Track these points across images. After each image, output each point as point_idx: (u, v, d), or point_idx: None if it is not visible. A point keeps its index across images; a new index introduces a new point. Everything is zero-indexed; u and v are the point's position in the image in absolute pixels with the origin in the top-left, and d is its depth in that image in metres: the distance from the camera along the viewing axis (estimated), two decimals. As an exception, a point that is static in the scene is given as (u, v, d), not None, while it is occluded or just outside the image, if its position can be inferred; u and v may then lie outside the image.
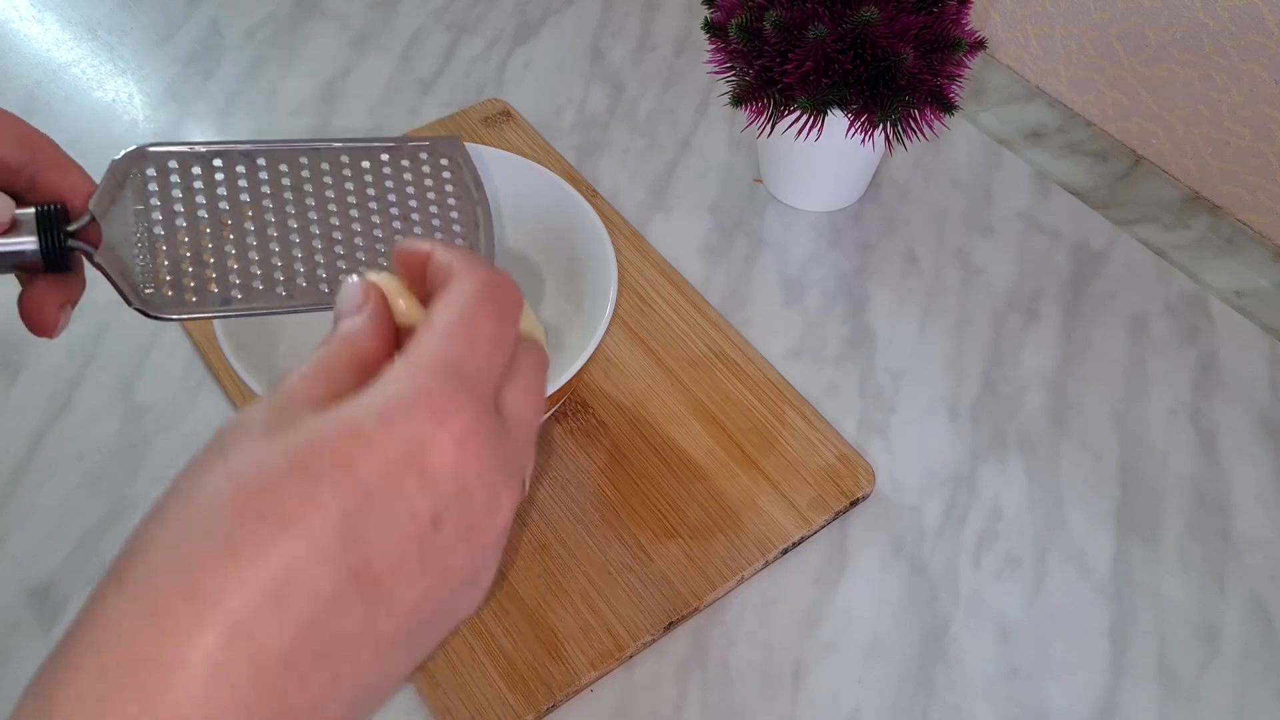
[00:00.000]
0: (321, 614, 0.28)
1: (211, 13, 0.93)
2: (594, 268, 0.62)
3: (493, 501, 0.31)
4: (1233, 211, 0.80)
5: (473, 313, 0.32)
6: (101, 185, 0.42)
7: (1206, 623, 0.59)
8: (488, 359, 0.32)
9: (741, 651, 0.58)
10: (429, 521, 0.29)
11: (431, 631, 0.31)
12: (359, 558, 0.28)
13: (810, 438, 0.65)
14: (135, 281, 0.41)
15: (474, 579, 0.32)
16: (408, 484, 0.29)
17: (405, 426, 0.29)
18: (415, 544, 0.29)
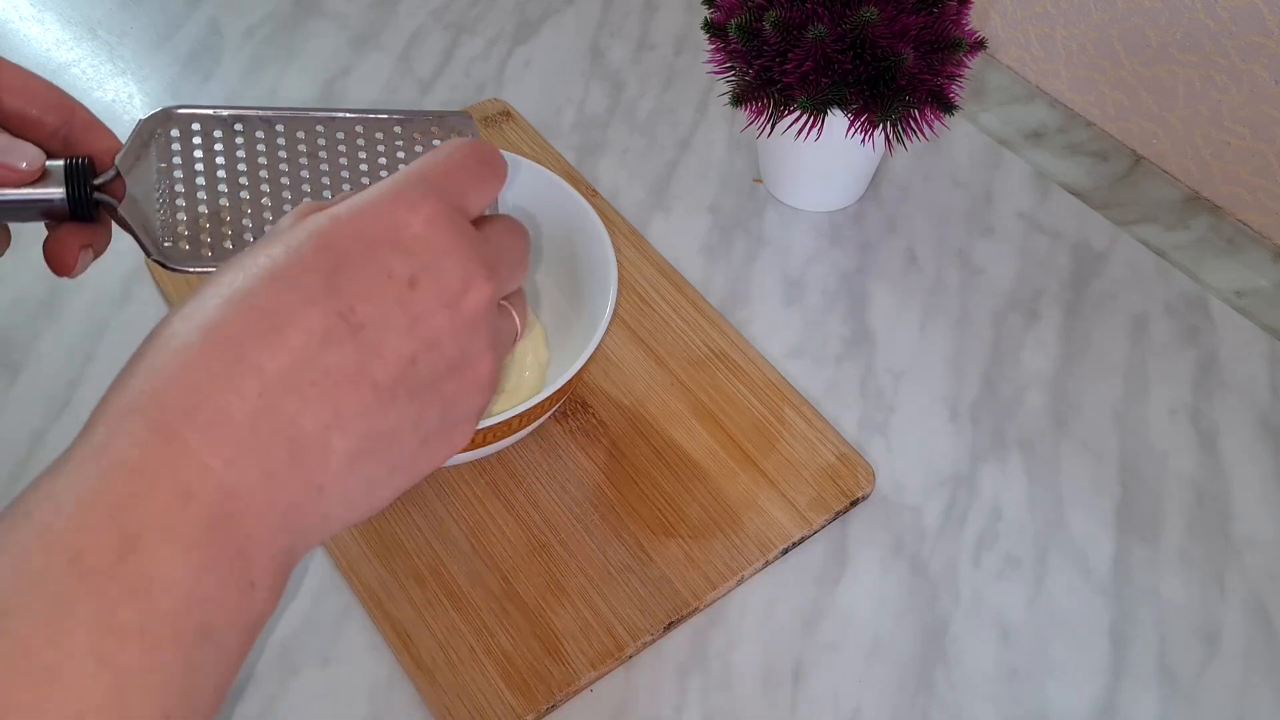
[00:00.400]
0: (313, 346, 0.31)
1: (211, 12, 0.93)
2: (594, 268, 0.62)
3: (466, 278, 0.34)
4: (1233, 212, 0.80)
5: (449, 146, 0.37)
6: (128, 143, 0.44)
7: (1206, 623, 0.59)
8: (459, 177, 0.36)
9: (741, 651, 0.58)
10: (405, 281, 0.33)
11: (433, 405, 0.34)
12: (343, 303, 0.32)
13: (810, 437, 0.65)
14: (155, 235, 0.44)
15: (464, 362, 0.35)
16: (381, 250, 0.33)
17: (378, 210, 0.34)
18: (395, 300, 0.33)
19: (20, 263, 0.74)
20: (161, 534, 0.29)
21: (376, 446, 0.33)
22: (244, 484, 0.30)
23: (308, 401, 0.31)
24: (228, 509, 0.30)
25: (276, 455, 0.31)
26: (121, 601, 0.28)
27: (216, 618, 0.29)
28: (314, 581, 0.60)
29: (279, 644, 0.58)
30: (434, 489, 0.62)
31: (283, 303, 0.32)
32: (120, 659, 0.27)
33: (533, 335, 0.66)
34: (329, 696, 0.56)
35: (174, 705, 0.28)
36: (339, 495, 0.33)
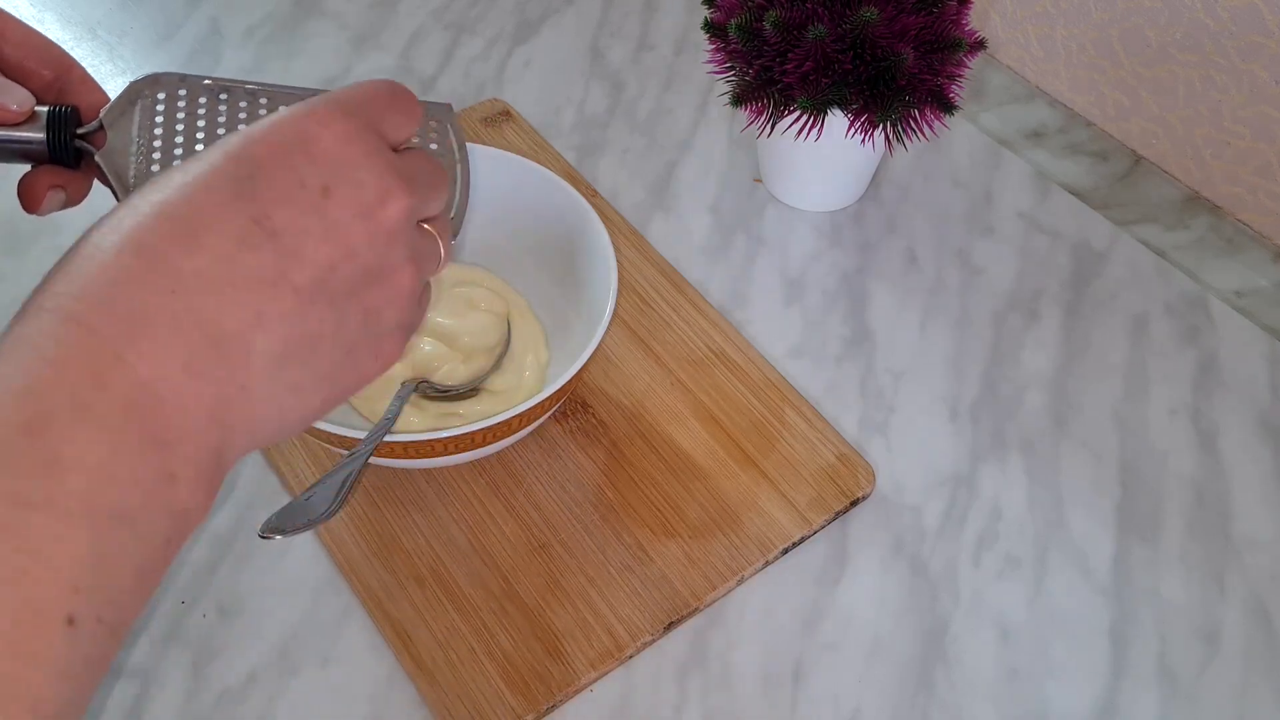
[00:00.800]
0: (229, 248, 0.32)
1: (211, 12, 0.93)
2: (594, 268, 0.62)
3: (381, 191, 0.35)
4: (1233, 212, 0.80)
5: (365, 81, 0.38)
6: (116, 100, 0.46)
7: (1206, 623, 0.59)
8: (373, 104, 0.37)
9: (741, 651, 0.58)
10: (319, 190, 0.34)
11: (354, 313, 0.35)
12: (258, 209, 0.33)
13: (810, 437, 0.65)
14: (128, 184, 0.45)
15: (384, 272, 0.36)
16: (294, 160, 0.34)
17: (291, 123, 0.35)
18: (311, 208, 0.34)
19: (20, 263, 0.75)
20: (72, 415, 0.29)
21: (300, 350, 0.34)
22: (161, 377, 0.31)
23: (227, 302, 0.32)
24: (143, 399, 0.30)
25: (196, 351, 0.31)
26: (27, 474, 0.28)
27: (131, 502, 0.30)
28: (314, 581, 0.60)
29: (279, 644, 0.58)
30: (434, 489, 0.62)
31: (198, 208, 0.33)
32: (26, 527, 0.28)
33: (533, 335, 0.66)
34: (329, 696, 0.56)
35: (83, 579, 0.28)
36: (265, 397, 0.33)
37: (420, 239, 0.38)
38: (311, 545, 0.61)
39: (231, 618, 0.58)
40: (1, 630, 0.27)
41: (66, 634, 0.28)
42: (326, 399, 0.36)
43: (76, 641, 0.28)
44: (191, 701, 0.56)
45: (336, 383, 0.36)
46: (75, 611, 0.28)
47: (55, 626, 0.28)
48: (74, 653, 0.28)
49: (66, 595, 0.28)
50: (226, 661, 0.57)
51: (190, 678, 0.56)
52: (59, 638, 0.28)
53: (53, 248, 0.75)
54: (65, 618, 0.28)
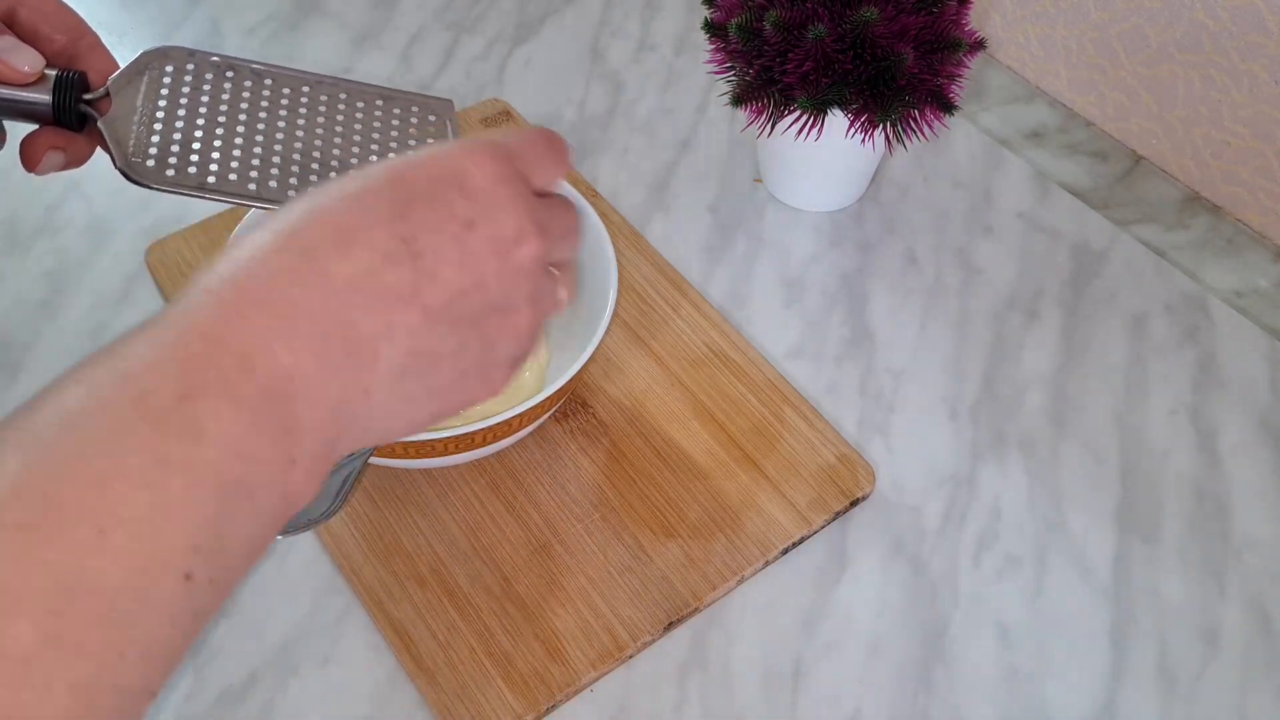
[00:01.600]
0: (376, 261, 0.35)
1: (212, 12, 0.93)
2: (594, 268, 0.62)
3: (518, 232, 0.38)
4: (1233, 211, 0.80)
5: (526, 128, 0.41)
6: (124, 69, 0.47)
7: (1206, 623, 0.59)
8: (527, 150, 0.40)
9: (741, 651, 0.58)
10: (463, 223, 0.36)
11: (474, 340, 0.38)
12: (407, 229, 0.35)
13: (810, 438, 0.65)
14: (126, 149, 0.47)
15: (507, 307, 0.38)
16: (448, 191, 0.37)
17: (451, 158, 0.37)
18: (453, 237, 0.36)
19: (20, 263, 0.75)
20: (220, 391, 0.32)
21: (420, 365, 0.36)
22: (301, 370, 0.33)
23: (366, 309, 0.35)
24: (283, 387, 0.33)
25: (333, 351, 0.34)
26: (174, 438, 0.31)
27: (256, 478, 0.32)
28: (314, 582, 0.60)
29: (279, 644, 0.58)
30: (434, 489, 0.62)
31: (355, 221, 0.35)
32: (163, 485, 0.30)
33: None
34: (329, 696, 0.56)
35: (204, 540, 0.31)
36: (382, 402, 0.36)
37: (546, 281, 0.41)
38: (311, 545, 0.61)
39: (231, 618, 0.58)
40: (130, 574, 0.30)
41: (183, 587, 0.31)
42: (433, 414, 0.38)
43: (189, 595, 0.31)
44: (191, 701, 0.56)
45: (445, 401, 0.39)
46: (193, 569, 0.31)
47: (175, 579, 0.30)
48: (186, 605, 0.31)
49: (188, 553, 0.31)
50: (226, 661, 0.57)
51: (190, 678, 0.56)
52: (177, 589, 0.31)
53: (53, 248, 0.75)
54: (184, 573, 0.31)
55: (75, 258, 0.75)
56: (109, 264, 0.75)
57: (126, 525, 0.30)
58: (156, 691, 0.31)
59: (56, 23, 0.48)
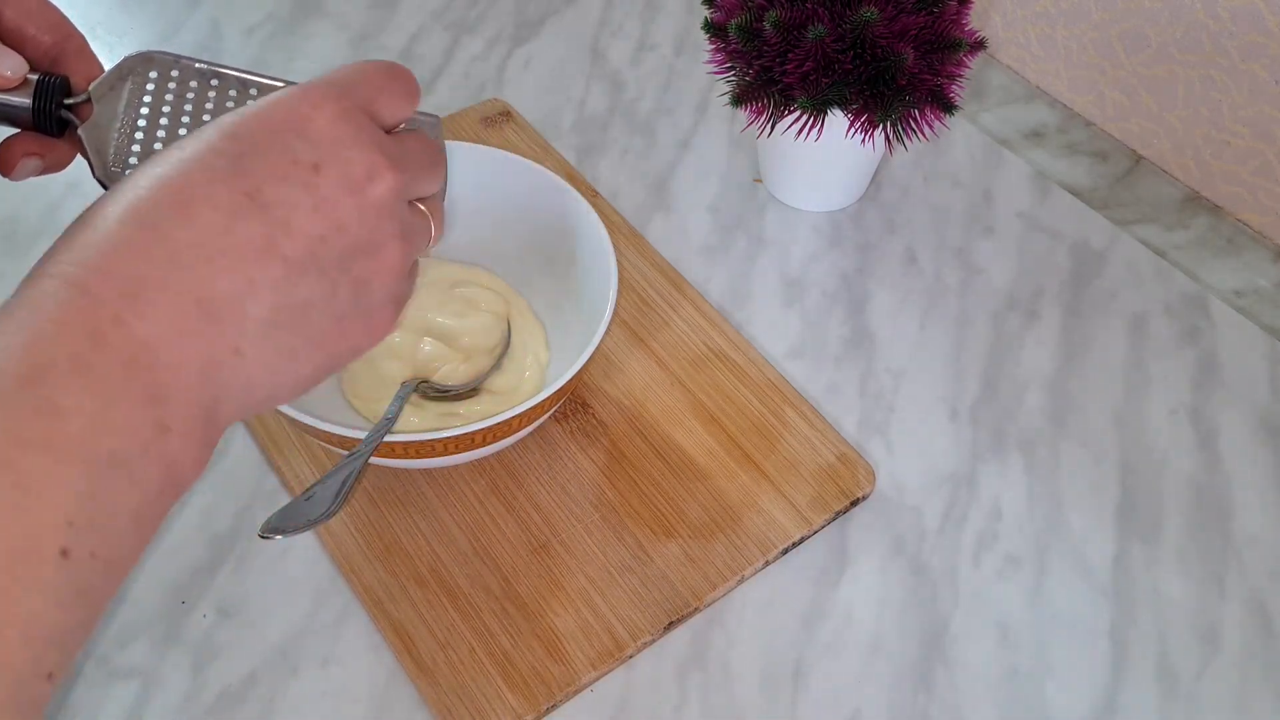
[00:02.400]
0: (221, 219, 0.34)
1: (212, 13, 0.93)
2: (594, 268, 0.62)
3: (370, 168, 0.37)
4: (1233, 211, 0.80)
5: (363, 62, 0.40)
6: (106, 74, 0.46)
7: (1206, 623, 0.59)
8: (367, 85, 0.39)
9: (741, 651, 0.58)
10: (310, 167, 0.36)
11: (344, 284, 0.37)
12: (250, 183, 0.35)
13: (810, 437, 0.65)
14: (106, 159, 0.46)
15: (373, 246, 0.38)
16: (286, 137, 0.36)
17: (284, 104, 0.37)
18: (301, 183, 0.36)
19: (20, 263, 0.74)
20: (70, 368, 0.31)
21: (292, 317, 0.36)
22: (156, 336, 0.33)
23: (219, 269, 0.34)
24: (139, 355, 0.33)
25: (189, 314, 0.34)
26: (29, 417, 0.30)
27: (127, 448, 0.32)
28: (314, 582, 0.60)
29: (279, 644, 0.58)
30: (434, 489, 0.62)
31: (193, 182, 0.35)
32: (22, 463, 0.30)
33: (533, 335, 0.66)
34: (329, 696, 0.56)
35: (79, 516, 0.31)
36: (257, 359, 0.35)
37: (411, 216, 0.40)
38: (311, 545, 0.61)
39: (231, 618, 0.58)
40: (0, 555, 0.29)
41: (60, 564, 0.30)
42: (319, 366, 0.38)
43: (70, 572, 0.30)
44: (191, 702, 0.56)
45: (328, 350, 0.38)
46: (69, 544, 0.30)
47: (49, 556, 0.30)
48: (67, 582, 0.30)
49: (61, 528, 0.30)
50: (226, 661, 0.57)
51: (190, 678, 0.56)
52: (52, 567, 0.30)
53: (53, 248, 0.75)
54: (59, 549, 0.30)
55: (75, 258, 0.75)
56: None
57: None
58: (55, 674, 0.31)
59: (42, 22, 0.47)
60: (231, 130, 0.36)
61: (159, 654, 0.57)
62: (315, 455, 0.64)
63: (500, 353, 0.64)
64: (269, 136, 0.36)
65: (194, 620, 0.58)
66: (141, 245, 0.33)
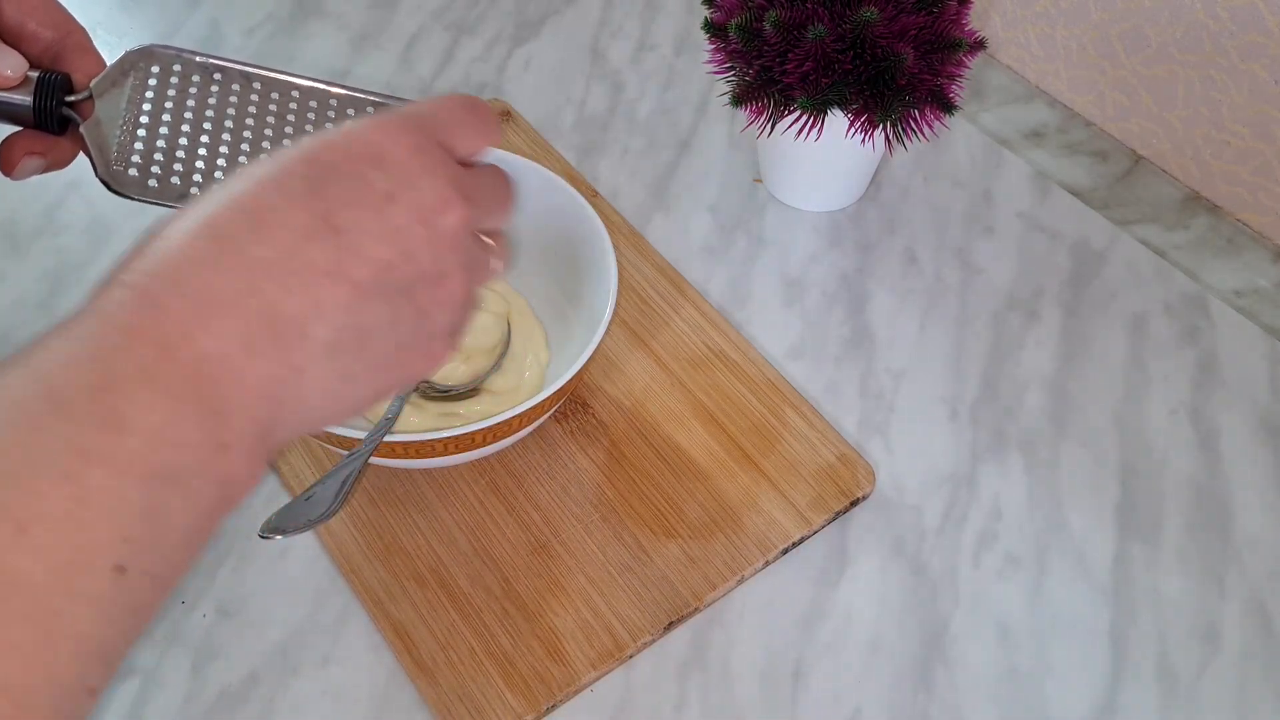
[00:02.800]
0: (295, 240, 0.34)
1: (212, 13, 0.93)
2: (594, 268, 0.62)
3: (442, 200, 0.37)
4: (1233, 211, 0.80)
5: (443, 96, 0.41)
6: (107, 70, 0.46)
7: (1206, 623, 0.59)
8: (445, 119, 0.39)
9: (741, 651, 0.58)
10: (383, 196, 0.36)
11: (407, 311, 0.37)
12: (325, 206, 0.35)
13: (810, 437, 0.65)
14: (109, 158, 0.45)
15: (438, 276, 0.38)
16: (362, 166, 0.36)
17: (363, 133, 0.37)
18: (374, 210, 0.36)
19: (20, 263, 0.75)
20: (138, 378, 0.31)
21: (354, 341, 0.36)
22: (223, 351, 0.33)
23: (289, 289, 0.34)
24: (205, 369, 0.32)
25: (256, 331, 0.33)
26: (92, 430, 0.30)
27: (185, 465, 0.32)
28: (314, 582, 0.60)
29: (279, 644, 0.58)
30: (434, 490, 0.62)
31: (269, 202, 0.35)
32: (85, 478, 0.30)
33: (533, 335, 0.66)
34: (329, 696, 0.56)
35: (135, 532, 0.30)
36: (318, 381, 0.35)
37: (476, 248, 0.40)
38: (311, 545, 0.61)
39: (231, 618, 0.58)
40: (55, 569, 0.29)
41: (115, 580, 0.30)
42: (376, 390, 0.38)
43: (123, 589, 0.30)
44: (191, 701, 0.56)
45: (386, 375, 0.38)
46: (125, 561, 0.30)
47: (104, 572, 0.30)
48: (119, 599, 0.30)
49: (117, 544, 0.30)
50: (226, 661, 0.57)
51: (190, 678, 0.56)
52: (107, 583, 0.30)
53: (53, 248, 0.75)
54: (115, 565, 0.30)
55: (75, 258, 0.75)
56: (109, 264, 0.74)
57: (46, 520, 0.29)
58: (98, 689, 0.31)
59: (44, 18, 0.47)
60: (312, 156, 0.36)
61: (159, 654, 0.57)
62: (315, 455, 0.64)
63: (500, 353, 0.64)
64: (348, 163, 0.36)
65: (194, 620, 0.58)
66: (213, 259, 0.33)
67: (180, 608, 0.59)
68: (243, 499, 0.34)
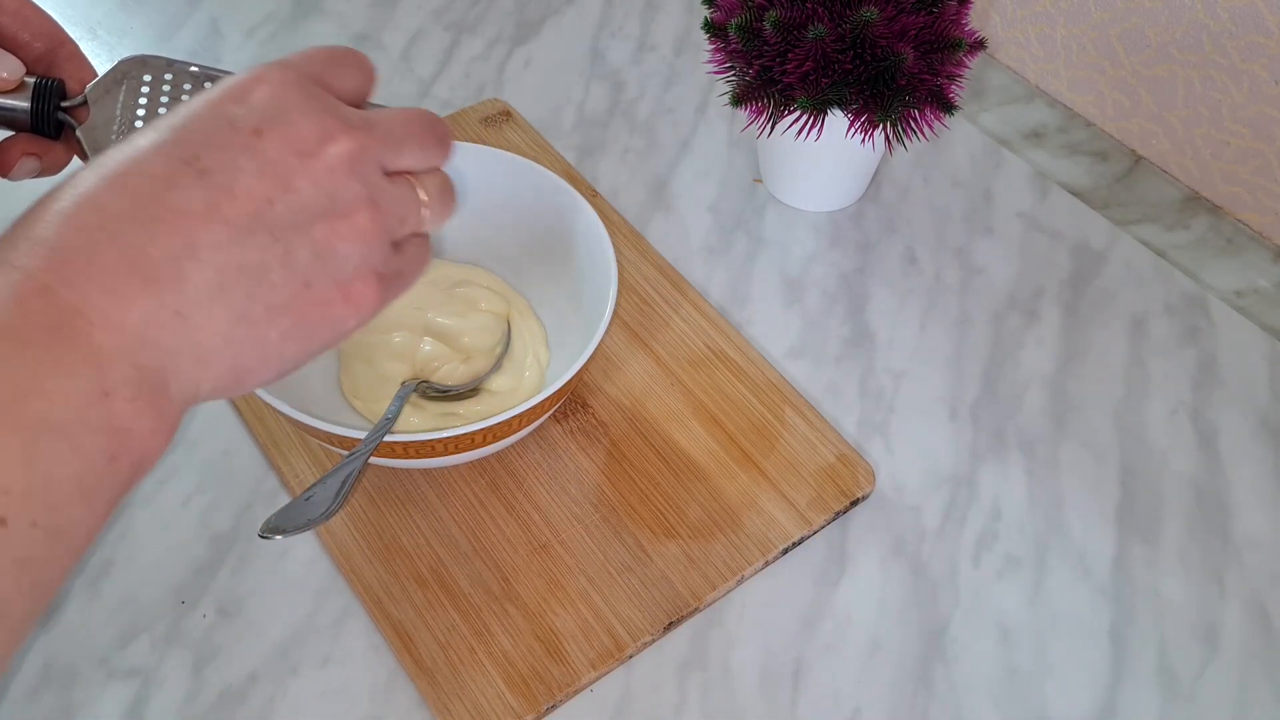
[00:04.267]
0: (156, 187, 0.34)
1: (212, 12, 0.93)
2: (594, 268, 0.62)
3: (321, 131, 0.37)
4: (1233, 211, 0.80)
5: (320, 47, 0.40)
6: (103, 76, 0.47)
7: (1206, 623, 0.59)
8: (315, 60, 0.39)
9: (741, 651, 0.58)
10: (250, 131, 0.36)
11: (302, 246, 0.36)
12: (187, 151, 0.35)
13: (810, 438, 0.65)
14: None
15: (333, 210, 0.37)
16: (224, 105, 0.36)
17: (227, 81, 0.37)
18: (242, 147, 0.36)
19: (20, 263, 0.74)
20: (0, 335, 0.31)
21: (242, 280, 0.35)
22: (87, 301, 0.33)
23: (154, 233, 0.34)
24: (70, 321, 0.32)
25: (122, 277, 0.33)
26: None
27: (64, 415, 0.32)
28: (314, 581, 0.60)
29: (279, 644, 0.58)
30: (434, 489, 0.62)
31: (127, 157, 0.35)
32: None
33: (533, 335, 0.66)
34: (329, 696, 0.56)
35: (14, 483, 0.30)
36: (208, 326, 0.35)
37: (389, 185, 0.39)
38: (311, 545, 0.61)
39: (231, 618, 0.58)
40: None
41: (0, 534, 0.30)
42: (292, 337, 0.37)
43: (11, 542, 0.30)
44: (191, 701, 0.56)
45: (299, 320, 0.37)
46: (6, 513, 0.30)
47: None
48: (7, 552, 0.30)
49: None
50: (226, 661, 0.57)
51: (190, 678, 0.56)
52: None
53: (53, 248, 0.75)
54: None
55: (75, 258, 0.75)
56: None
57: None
58: (4, 654, 0.31)
59: (36, 29, 0.48)
60: (173, 110, 0.37)
61: (159, 654, 0.57)
62: (315, 455, 0.64)
63: (500, 353, 0.64)
64: (208, 108, 0.36)
65: (194, 620, 0.58)
66: (71, 216, 0.34)
67: (180, 607, 0.59)
68: (153, 455, 0.34)
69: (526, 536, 0.61)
